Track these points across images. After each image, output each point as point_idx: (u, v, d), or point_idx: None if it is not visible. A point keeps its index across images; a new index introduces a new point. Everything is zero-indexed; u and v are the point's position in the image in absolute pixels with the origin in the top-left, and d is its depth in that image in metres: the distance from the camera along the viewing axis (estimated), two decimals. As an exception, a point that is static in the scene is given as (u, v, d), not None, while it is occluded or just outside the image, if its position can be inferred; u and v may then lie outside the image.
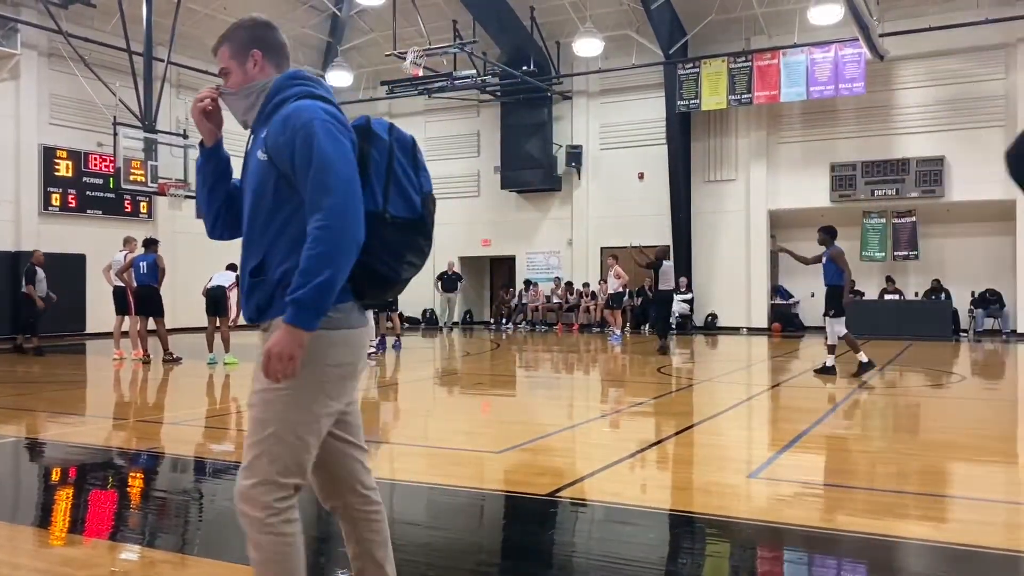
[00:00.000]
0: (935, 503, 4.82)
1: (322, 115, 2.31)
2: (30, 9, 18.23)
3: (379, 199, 2.38)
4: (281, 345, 2.21)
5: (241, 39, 2.53)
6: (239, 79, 2.52)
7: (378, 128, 2.45)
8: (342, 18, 23.97)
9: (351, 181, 2.26)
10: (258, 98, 2.49)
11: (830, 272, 10.74)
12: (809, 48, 19.49)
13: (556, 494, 4.76)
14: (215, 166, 2.60)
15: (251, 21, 2.58)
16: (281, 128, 2.32)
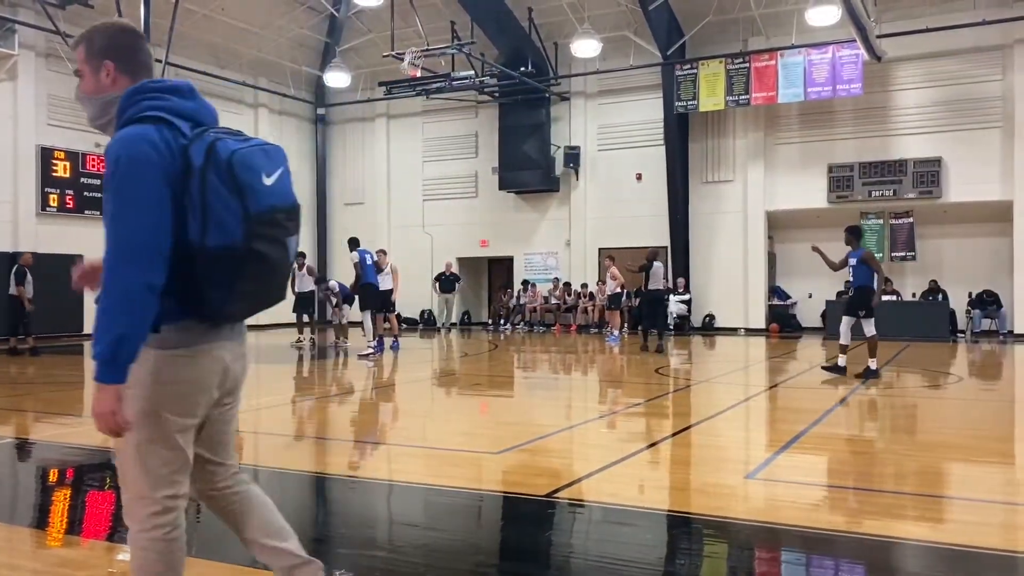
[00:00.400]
0: (933, 504, 4.83)
1: (132, 151, 2.22)
2: (27, 9, 18.22)
3: (198, 230, 2.25)
4: (100, 405, 2.20)
5: (97, 45, 2.47)
6: (91, 87, 2.48)
7: (194, 154, 2.28)
8: (340, 19, 23.97)
9: (135, 232, 2.18)
10: (111, 111, 2.42)
11: (860, 273, 10.71)
12: (807, 49, 19.51)
13: (554, 495, 4.77)
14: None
15: (112, 26, 2.49)
16: (106, 159, 2.28)
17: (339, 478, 5.57)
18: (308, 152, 26.39)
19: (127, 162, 2.21)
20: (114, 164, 2.22)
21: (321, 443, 6.93)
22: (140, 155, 2.22)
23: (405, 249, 25.09)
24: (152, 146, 2.24)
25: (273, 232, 2.34)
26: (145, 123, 2.29)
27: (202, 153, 2.28)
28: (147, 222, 2.19)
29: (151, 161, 2.23)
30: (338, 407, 9.13)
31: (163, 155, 2.25)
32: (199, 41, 21.85)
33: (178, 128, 2.33)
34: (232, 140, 2.36)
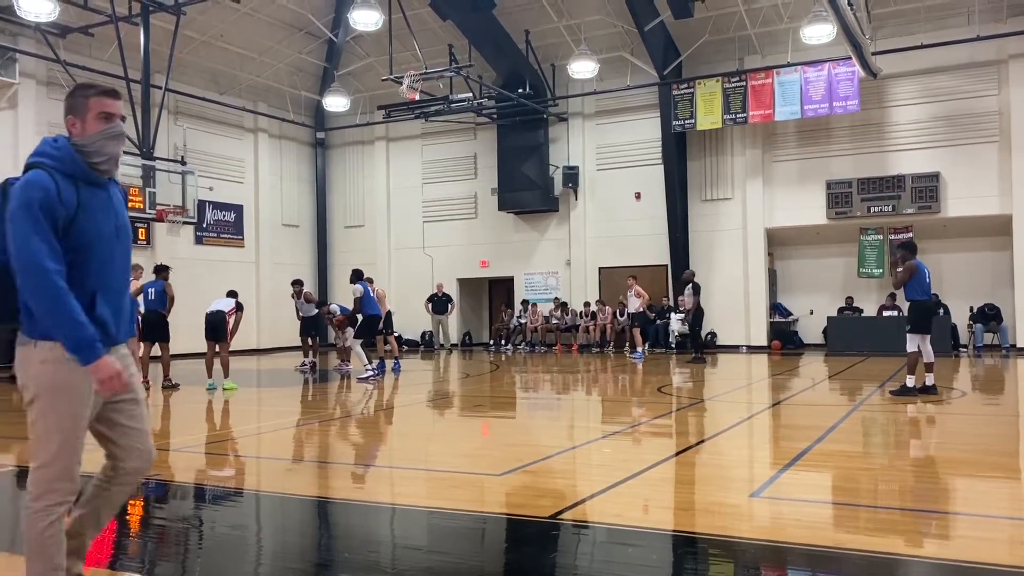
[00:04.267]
0: (938, 520, 4.79)
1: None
2: (28, 38, 18.35)
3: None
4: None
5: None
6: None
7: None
8: (339, 44, 24.14)
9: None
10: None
11: (910, 288, 10.71)
12: (803, 67, 19.63)
13: (558, 516, 4.74)
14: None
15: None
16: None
17: (341, 502, 5.55)
18: (308, 176, 26.50)
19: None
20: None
21: (323, 467, 6.90)
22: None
23: (406, 271, 25.16)
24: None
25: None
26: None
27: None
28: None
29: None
30: (339, 430, 9.10)
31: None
32: (199, 67, 22.00)
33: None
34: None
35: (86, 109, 2.97)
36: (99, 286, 2.93)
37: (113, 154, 3.01)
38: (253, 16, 21.67)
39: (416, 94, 19.61)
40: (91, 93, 3.00)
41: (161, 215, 17.61)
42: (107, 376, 2.85)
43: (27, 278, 2.77)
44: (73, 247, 2.86)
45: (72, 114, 2.98)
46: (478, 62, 21.56)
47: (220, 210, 23.07)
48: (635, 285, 18.77)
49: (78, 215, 2.87)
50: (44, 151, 2.94)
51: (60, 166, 2.90)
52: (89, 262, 2.91)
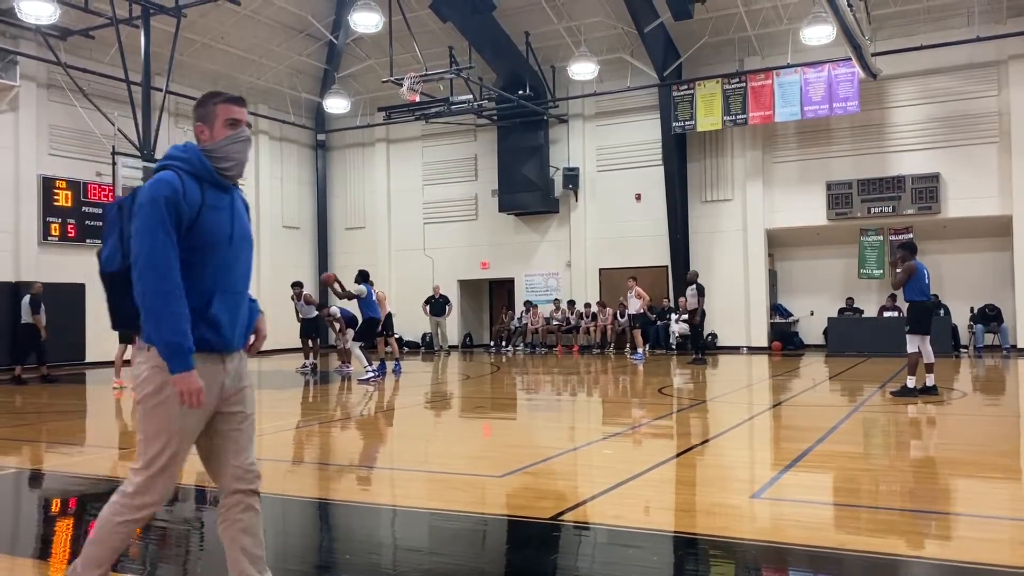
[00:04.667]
0: (939, 521, 4.80)
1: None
2: (29, 41, 18.37)
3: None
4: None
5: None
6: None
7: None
8: (339, 46, 24.16)
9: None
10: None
11: (908, 288, 10.68)
12: (802, 68, 19.64)
13: (559, 518, 4.74)
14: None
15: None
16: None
17: (342, 504, 5.55)
18: (309, 178, 26.51)
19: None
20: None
21: (323, 469, 6.91)
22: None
23: (406, 272, 25.16)
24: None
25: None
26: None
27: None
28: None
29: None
30: (340, 432, 9.10)
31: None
32: (199, 69, 22.02)
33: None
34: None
35: (214, 116, 3.03)
36: (217, 288, 2.94)
37: (240, 159, 3.06)
38: (253, 18, 21.69)
39: (416, 96, 19.63)
40: (218, 100, 3.05)
41: (162, 217, 17.60)
42: (187, 391, 2.82)
43: (144, 271, 2.79)
44: (194, 246, 2.88)
45: (201, 121, 3.04)
46: (478, 64, 21.58)
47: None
48: (635, 286, 18.81)
49: (201, 215, 2.90)
50: (172, 154, 3.01)
51: (188, 167, 2.95)
52: (209, 263, 2.92)
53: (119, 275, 2.95)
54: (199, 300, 2.88)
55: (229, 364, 3.01)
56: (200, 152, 3.00)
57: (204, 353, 2.90)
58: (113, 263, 2.98)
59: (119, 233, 2.98)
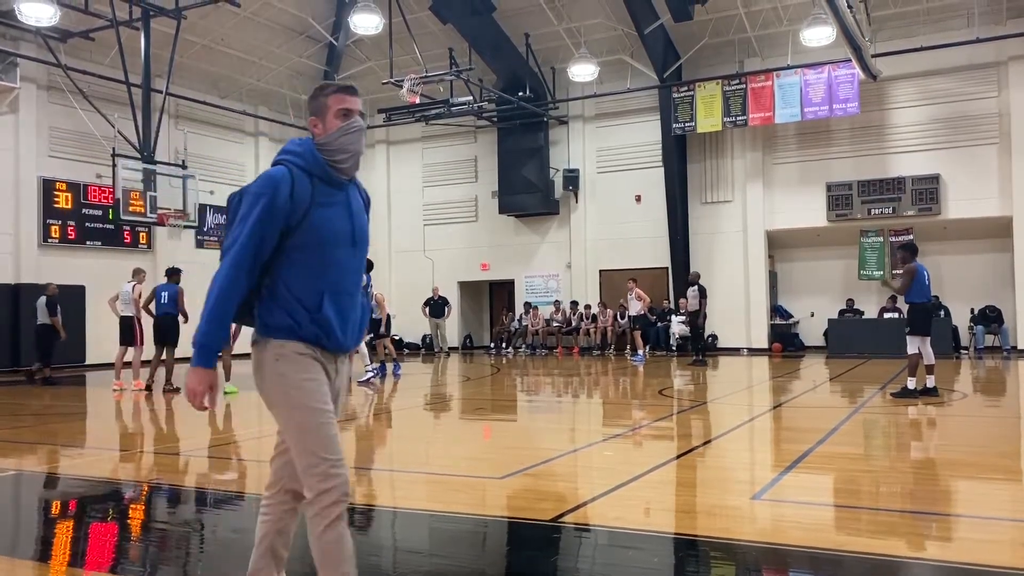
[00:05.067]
0: (940, 522, 4.79)
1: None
2: (29, 43, 18.38)
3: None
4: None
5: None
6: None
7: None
8: (339, 48, 24.16)
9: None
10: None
11: (909, 290, 10.66)
12: (802, 69, 19.65)
13: (559, 519, 4.74)
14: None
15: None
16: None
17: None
18: (308, 179, 26.47)
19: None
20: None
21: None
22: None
23: (407, 274, 25.16)
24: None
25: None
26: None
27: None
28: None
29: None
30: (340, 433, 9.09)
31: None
32: (199, 71, 22.03)
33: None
34: None
35: (326, 108, 2.96)
36: (328, 287, 2.84)
37: (355, 150, 3.01)
38: (253, 20, 21.69)
39: (416, 97, 19.64)
40: (329, 91, 3.00)
41: (162, 219, 17.62)
42: (193, 388, 2.77)
43: (222, 259, 2.76)
44: (303, 244, 2.81)
45: (314, 115, 2.98)
46: (478, 65, 21.59)
47: (221, 214, 23.05)
48: (636, 288, 18.81)
49: (311, 211, 2.82)
50: (288, 149, 2.96)
51: (301, 162, 2.89)
52: (319, 261, 2.83)
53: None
54: (310, 299, 2.81)
55: (339, 365, 2.96)
56: (314, 147, 2.93)
57: (319, 349, 2.84)
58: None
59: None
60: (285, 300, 2.81)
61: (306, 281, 2.81)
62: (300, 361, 2.81)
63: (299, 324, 2.80)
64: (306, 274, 2.81)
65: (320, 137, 2.95)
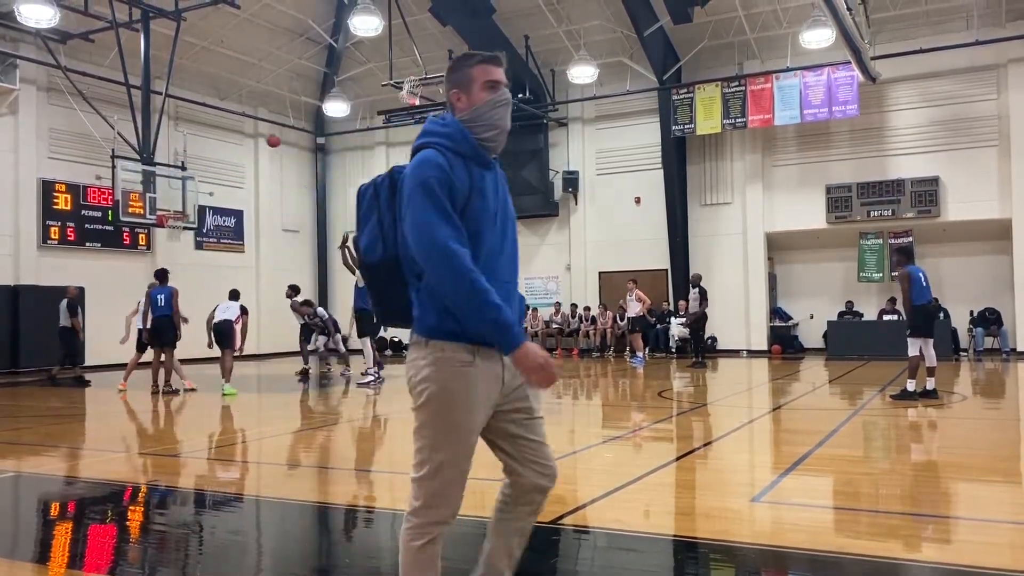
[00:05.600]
0: (940, 524, 4.79)
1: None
2: (28, 44, 18.38)
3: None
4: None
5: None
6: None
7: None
8: (339, 49, 24.18)
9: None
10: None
11: (909, 293, 10.65)
12: (802, 71, 19.65)
13: (558, 521, 4.73)
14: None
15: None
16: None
17: (342, 508, 5.54)
18: (308, 181, 26.52)
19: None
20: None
21: (323, 472, 6.89)
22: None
23: (406, 276, 25.11)
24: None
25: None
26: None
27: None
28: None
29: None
30: (339, 435, 9.09)
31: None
32: (199, 73, 22.04)
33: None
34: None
35: (471, 80, 2.76)
36: (488, 277, 2.59)
37: (503, 125, 2.83)
38: (253, 22, 21.70)
39: (416, 99, 19.66)
40: (474, 61, 2.78)
41: (161, 220, 17.62)
42: (535, 364, 2.53)
43: (434, 263, 2.51)
44: (465, 233, 2.61)
45: (457, 88, 2.77)
46: (478, 67, 21.57)
47: (220, 215, 23.09)
48: (635, 289, 18.80)
49: (471, 197, 2.63)
50: (432, 130, 2.73)
51: (451, 144, 2.67)
52: (479, 250, 2.62)
53: (382, 265, 2.72)
54: None
55: (506, 359, 2.69)
56: (461, 125, 2.72)
57: (481, 347, 2.63)
58: (374, 253, 2.74)
59: (377, 219, 2.74)
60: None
61: None
62: (458, 369, 2.62)
63: (461, 325, 2.60)
64: None
65: (465, 112, 2.75)
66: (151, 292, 13.27)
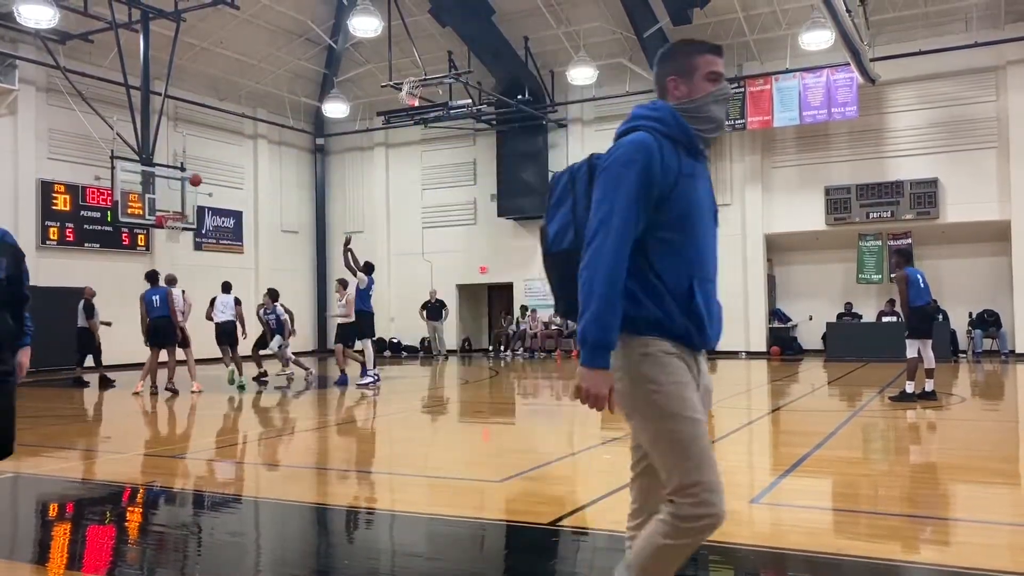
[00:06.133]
0: (939, 526, 4.79)
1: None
2: (28, 45, 18.38)
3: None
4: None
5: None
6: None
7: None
8: (338, 50, 24.18)
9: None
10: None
11: (907, 295, 10.66)
12: (801, 73, 19.67)
13: (558, 523, 4.73)
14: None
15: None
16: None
17: (341, 509, 5.54)
18: (307, 182, 26.52)
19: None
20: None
21: (322, 473, 6.89)
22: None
23: (405, 276, 25.14)
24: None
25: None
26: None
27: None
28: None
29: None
30: (338, 436, 9.09)
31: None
32: (199, 74, 22.03)
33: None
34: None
35: (693, 68, 2.63)
36: (696, 273, 2.50)
37: (721, 120, 2.67)
38: (253, 23, 21.70)
39: (415, 100, 19.65)
40: (701, 50, 2.66)
41: (160, 221, 17.61)
42: (594, 391, 2.43)
43: (600, 249, 2.39)
44: (670, 223, 2.48)
45: (676, 75, 2.64)
46: (477, 68, 21.60)
47: (219, 216, 23.08)
48: None
49: (678, 185, 2.49)
50: (642, 114, 2.64)
51: (663, 128, 2.56)
52: (686, 243, 2.50)
53: (570, 255, 2.55)
54: (679, 287, 2.48)
55: (700, 363, 2.62)
56: (673, 111, 2.61)
57: (685, 348, 2.50)
58: (562, 240, 2.60)
59: (571, 206, 2.61)
60: (653, 289, 2.47)
61: (675, 266, 2.49)
62: (669, 363, 2.48)
63: (670, 317, 2.47)
64: (674, 258, 2.49)
65: (683, 101, 2.63)
66: (145, 294, 13.28)
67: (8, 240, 4.14)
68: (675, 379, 2.47)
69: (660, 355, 2.47)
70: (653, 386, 2.47)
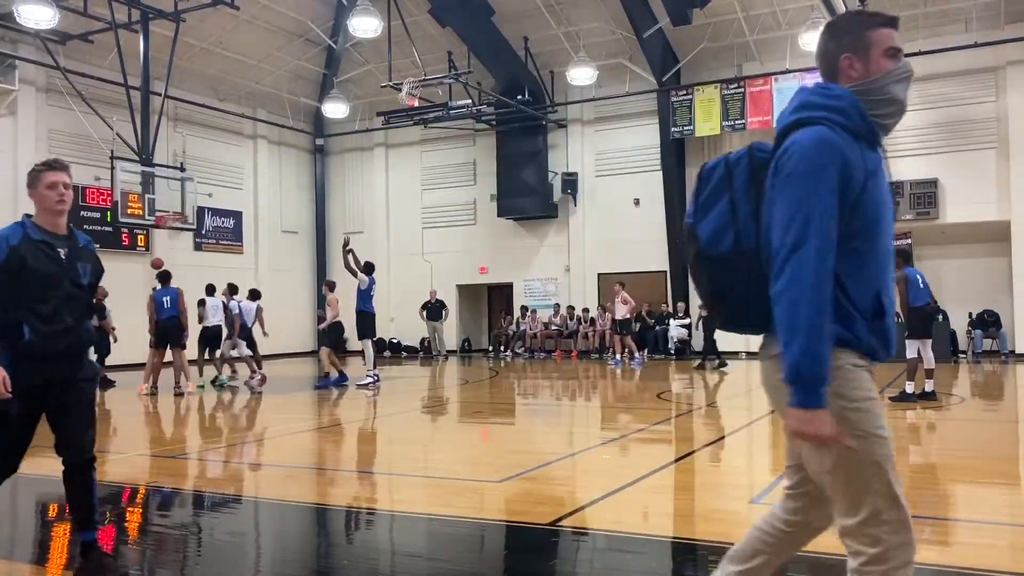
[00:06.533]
0: (939, 526, 4.79)
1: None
2: (28, 45, 18.37)
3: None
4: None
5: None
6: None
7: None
8: (338, 51, 24.18)
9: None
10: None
11: (908, 295, 10.73)
12: (801, 73, 19.64)
13: (558, 523, 4.73)
14: None
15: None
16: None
17: (340, 509, 5.54)
18: (307, 182, 26.51)
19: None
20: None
21: (322, 474, 6.89)
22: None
23: (405, 277, 25.14)
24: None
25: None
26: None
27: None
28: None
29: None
30: (338, 437, 9.09)
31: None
32: (198, 74, 22.03)
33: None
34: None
35: (870, 44, 2.34)
36: (883, 284, 2.22)
37: (903, 101, 2.39)
38: (252, 23, 21.70)
39: (415, 100, 19.65)
40: (877, 23, 2.40)
41: (160, 221, 17.61)
42: (815, 433, 2.10)
43: (801, 265, 2.08)
44: (859, 231, 2.18)
45: (850, 53, 2.33)
46: (477, 69, 21.61)
47: (219, 216, 23.07)
48: (622, 292, 18.70)
49: (867, 187, 2.19)
50: (818, 103, 2.26)
51: (845, 120, 2.23)
52: (874, 249, 2.21)
53: (729, 258, 2.29)
54: (865, 301, 2.20)
55: (873, 373, 2.29)
56: (855, 97, 2.27)
57: (869, 362, 2.23)
58: (720, 243, 2.30)
59: (728, 204, 2.32)
60: (839, 308, 2.17)
61: (862, 279, 2.20)
62: (858, 375, 2.18)
63: (856, 335, 2.19)
64: (861, 270, 2.20)
65: (860, 82, 2.31)
66: (155, 294, 13.28)
67: (91, 248, 4.18)
68: (865, 393, 2.18)
69: (849, 367, 2.18)
70: (843, 402, 2.15)
